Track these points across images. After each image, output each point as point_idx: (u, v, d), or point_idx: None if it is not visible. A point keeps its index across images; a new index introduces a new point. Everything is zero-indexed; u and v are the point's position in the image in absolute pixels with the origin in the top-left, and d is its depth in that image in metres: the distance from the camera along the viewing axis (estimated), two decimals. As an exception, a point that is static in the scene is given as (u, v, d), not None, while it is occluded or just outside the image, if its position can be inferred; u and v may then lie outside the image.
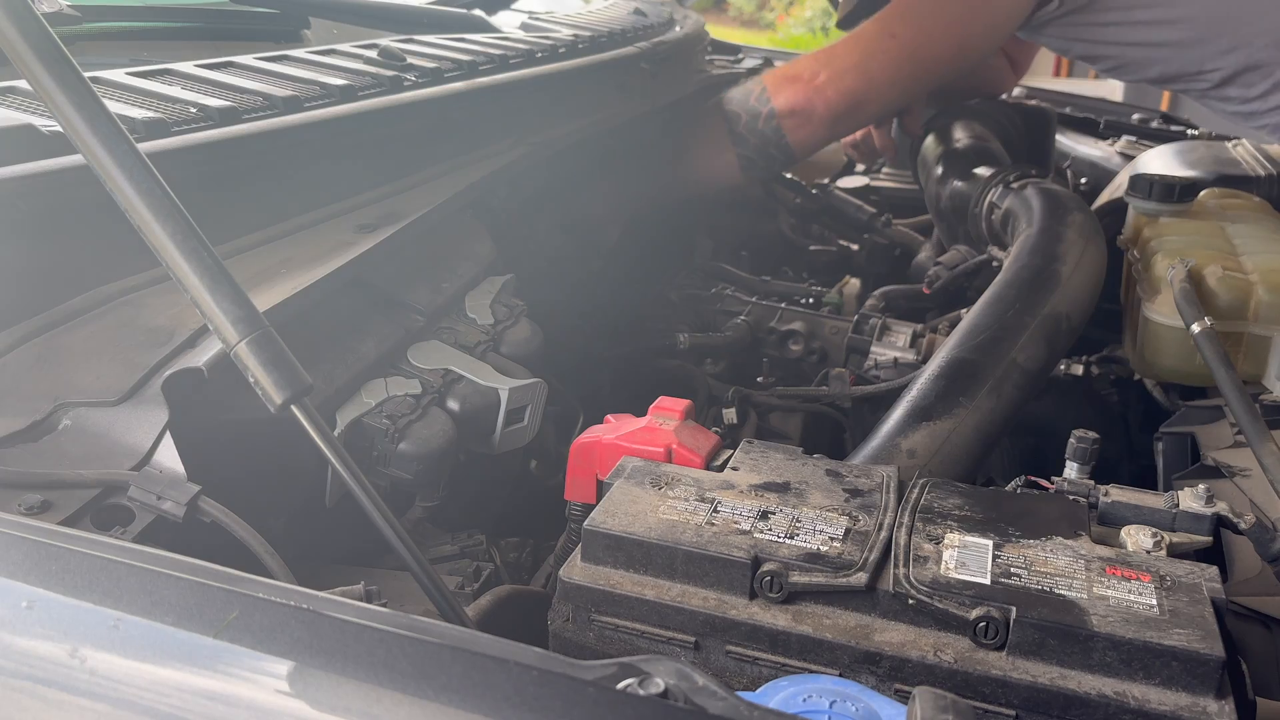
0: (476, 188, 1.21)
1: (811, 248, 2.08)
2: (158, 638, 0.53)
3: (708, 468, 0.83)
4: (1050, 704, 0.62)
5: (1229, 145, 1.85)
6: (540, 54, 1.49)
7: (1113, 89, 5.33)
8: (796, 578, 0.68)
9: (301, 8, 1.57)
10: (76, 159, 0.80)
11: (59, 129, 0.71)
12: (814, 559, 0.69)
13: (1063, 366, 1.56)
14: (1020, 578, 0.67)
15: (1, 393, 0.74)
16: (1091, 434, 0.91)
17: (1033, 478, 0.87)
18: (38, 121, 0.84)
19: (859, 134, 2.03)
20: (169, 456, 0.72)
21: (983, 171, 1.69)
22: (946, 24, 1.66)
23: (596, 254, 1.61)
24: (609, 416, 0.91)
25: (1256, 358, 1.24)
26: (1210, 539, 0.78)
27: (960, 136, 1.87)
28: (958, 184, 1.73)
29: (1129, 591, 0.66)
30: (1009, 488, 0.87)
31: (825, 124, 1.69)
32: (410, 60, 1.29)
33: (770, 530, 0.72)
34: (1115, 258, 1.43)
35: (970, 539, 0.72)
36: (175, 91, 1.01)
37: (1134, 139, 2.16)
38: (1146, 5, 1.65)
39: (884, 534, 0.72)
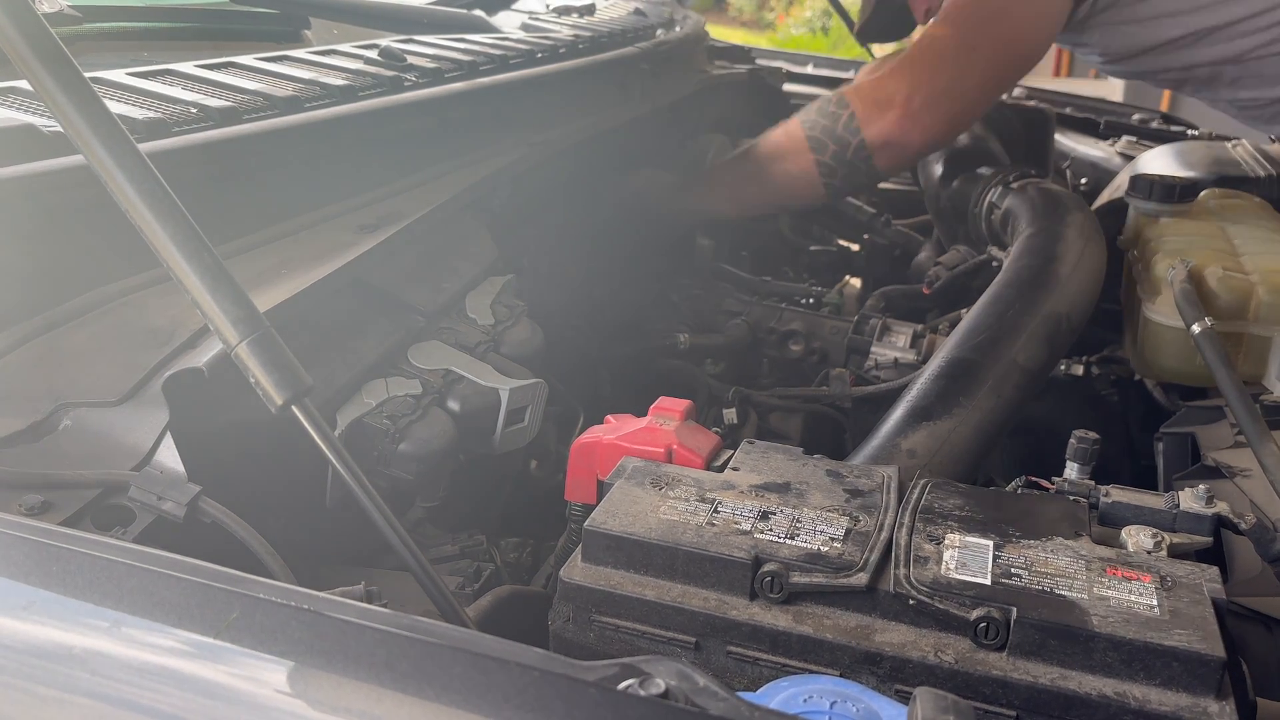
0: (477, 188, 1.20)
1: (811, 248, 2.08)
2: (158, 638, 0.53)
3: (708, 468, 0.83)
4: (1051, 704, 0.62)
5: (1229, 145, 1.85)
6: (540, 54, 1.49)
7: (1113, 89, 5.33)
8: (797, 578, 0.68)
9: (301, 8, 1.56)
10: (77, 159, 0.80)
11: (60, 129, 0.71)
12: (814, 559, 0.69)
13: (1063, 366, 1.56)
14: (1021, 578, 0.67)
15: (2, 393, 0.74)
16: (1092, 434, 0.91)
17: (1033, 478, 0.87)
18: (38, 121, 0.84)
19: None
20: (169, 457, 0.71)
21: (982, 171, 1.69)
22: (1015, 27, 1.59)
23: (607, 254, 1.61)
24: (609, 417, 0.91)
25: (1257, 358, 1.24)
26: (1211, 539, 0.78)
27: (960, 136, 1.87)
28: (958, 184, 1.73)
29: (1130, 592, 0.66)
30: (1009, 488, 0.87)
31: (919, 153, 1.64)
32: (410, 60, 1.29)
33: (771, 531, 0.72)
34: (1115, 258, 1.43)
35: (971, 539, 0.72)
36: (176, 92, 1.01)
37: (1134, 139, 2.16)
38: None
39: (884, 534, 0.72)
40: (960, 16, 1.59)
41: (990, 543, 0.71)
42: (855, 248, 2.10)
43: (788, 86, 2.50)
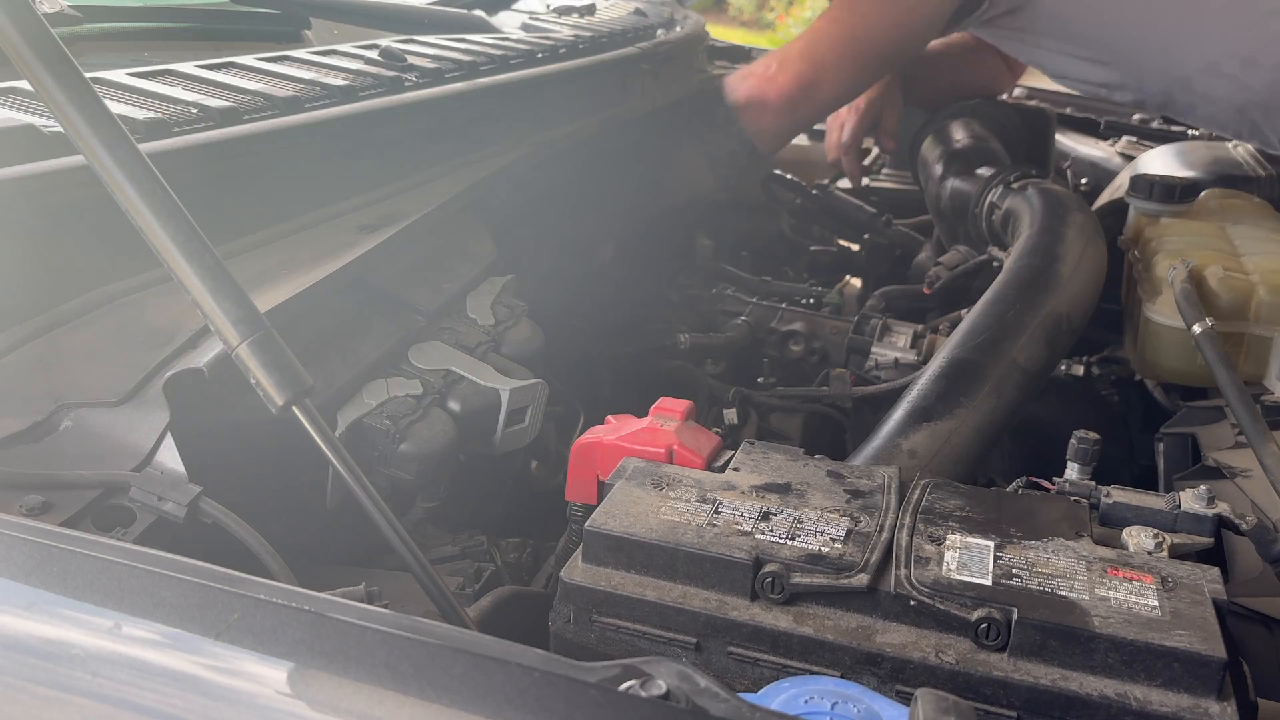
0: (477, 188, 1.20)
1: (811, 248, 2.08)
2: (159, 638, 0.53)
3: (709, 468, 0.83)
4: (1052, 705, 0.62)
5: (1229, 145, 1.85)
6: (541, 54, 1.49)
7: (1113, 89, 5.31)
8: (798, 579, 0.68)
9: (302, 8, 1.56)
10: (77, 159, 0.79)
11: (60, 129, 0.71)
12: (815, 560, 0.69)
13: (1063, 367, 1.56)
14: (1022, 579, 0.67)
15: (2, 393, 0.74)
16: (1093, 435, 0.91)
17: (1034, 478, 0.87)
18: (39, 122, 0.84)
19: (836, 150, 2.05)
20: (170, 457, 0.71)
21: (983, 171, 1.68)
22: (883, 6, 1.73)
23: (596, 258, 1.61)
24: (610, 417, 0.91)
25: (1257, 358, 1.24)
26: (1211, 540, 0.78)
27: (960, 136, 1.87)
28: (958, 184, 1.73)
29: (1130, 593, 0.66)
30: (1010, 488, 0.87)
31: (780, 111, 1.75)
32: (411, 61, 1.29)
33: (771, 531, 0.72)
34: (1116, 258, 1.43)
35: (972, 540, 0.72)
36: (176, 92, 1.01)
37: (1134, 139, 2.16)
38: (1079, 21, 1.67)
39: (885, 535, 0.72)
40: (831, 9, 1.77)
41: (991, 543, 0.71)
42: (855, 248, 2.10)
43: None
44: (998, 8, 1.69)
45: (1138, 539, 0.74)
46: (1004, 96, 2.16)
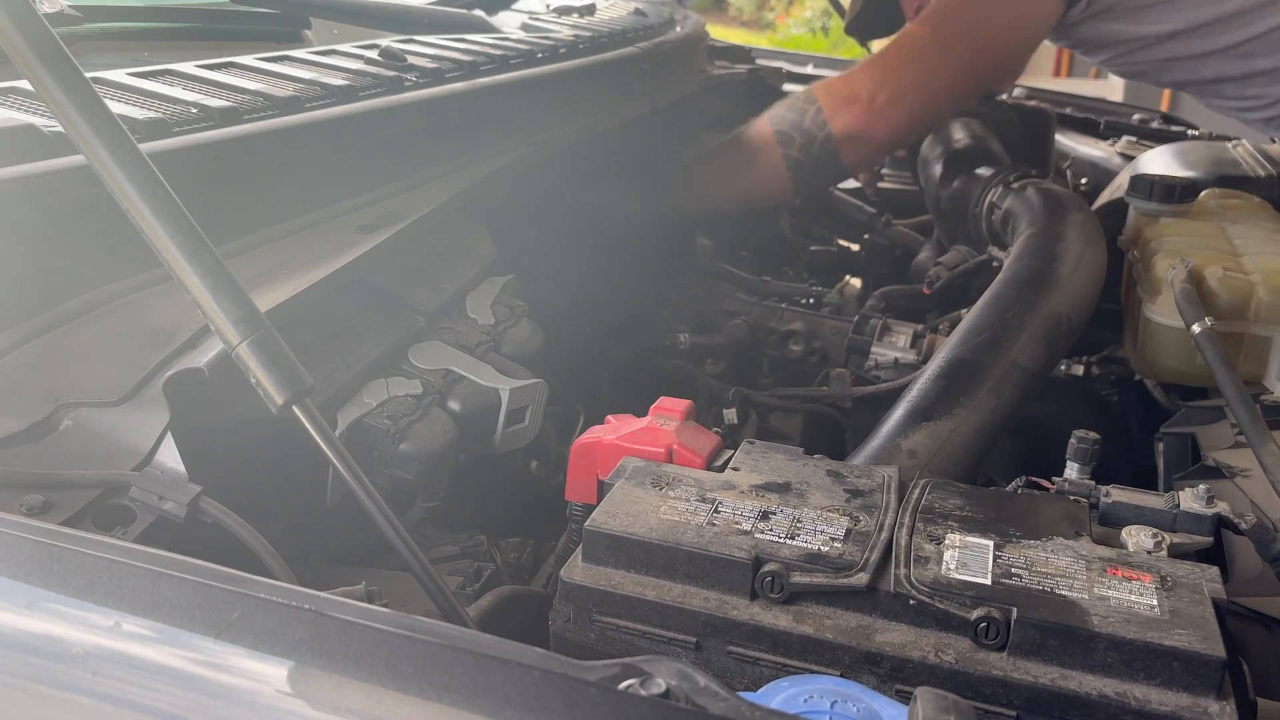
0: (477, 188, 1.20)
1: (811, 248, 2.08)
2: (159, 638, 0.53)
3: (708, 468, 0.83)
4: (1051, 704, 0.62)
5: (1229, 145, 1.85)
6: (541, 54, 1.49)
7: (1113, 89, 5.34)
8: (797, 578, 0.68)
9: (302, 8, 1.57)
10: (78, 159, 0.80)
11: (60, 129, 0.71)
12: (815, 559, 0.69)
13: (1063, 366, 1.57)
14: (1021, 578, 0.68)
15: (2, 393, 0.74)
16: (1092, 434, 0.91)
17: (1033, 478, 0.87)
18: (39, 122, 0.84)
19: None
20: (170, 457, 0.72)
21: (983, 172, 1.69)
22: (995, 32, 1.63)
23: (595, 258, 1.61)
24: (610, 417, 0.91)
25: (1257, 358, 1.24)
26: (1211, 539, 0.78)
27: (960, 136, 1.87)
28: (958, 184, 1.73)
29: (1130, 592, 0.66)
30: (1010, 488, 0.87)
31: (884, 147, 1.67)
32: (411, 60, 1.29)
33: (771, 531, 0.72)
34: (1115, 258, 1.43)
35: (971, 539, 0.72)
36: (176, 92, 1.01)
37: (1134, 139, 2.16)
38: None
39: (885, 534, 0.72)
40: (940, 16, 1.63)
41: (990, 543, 0.71)
42: (855, 248, 2.10)
43: (788, 86, 2.50)
44: (1095, 6, 1.59)
45: (1137, 538, 0.74)
46: (1004, 96, 2.16)
